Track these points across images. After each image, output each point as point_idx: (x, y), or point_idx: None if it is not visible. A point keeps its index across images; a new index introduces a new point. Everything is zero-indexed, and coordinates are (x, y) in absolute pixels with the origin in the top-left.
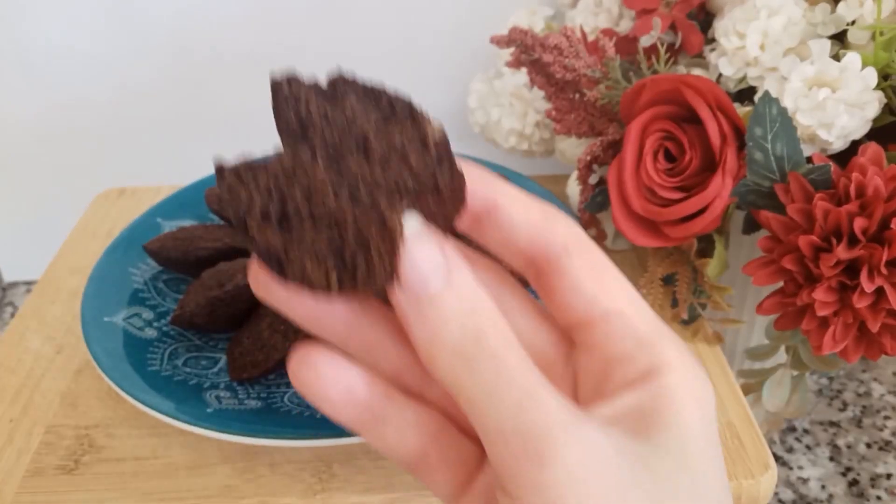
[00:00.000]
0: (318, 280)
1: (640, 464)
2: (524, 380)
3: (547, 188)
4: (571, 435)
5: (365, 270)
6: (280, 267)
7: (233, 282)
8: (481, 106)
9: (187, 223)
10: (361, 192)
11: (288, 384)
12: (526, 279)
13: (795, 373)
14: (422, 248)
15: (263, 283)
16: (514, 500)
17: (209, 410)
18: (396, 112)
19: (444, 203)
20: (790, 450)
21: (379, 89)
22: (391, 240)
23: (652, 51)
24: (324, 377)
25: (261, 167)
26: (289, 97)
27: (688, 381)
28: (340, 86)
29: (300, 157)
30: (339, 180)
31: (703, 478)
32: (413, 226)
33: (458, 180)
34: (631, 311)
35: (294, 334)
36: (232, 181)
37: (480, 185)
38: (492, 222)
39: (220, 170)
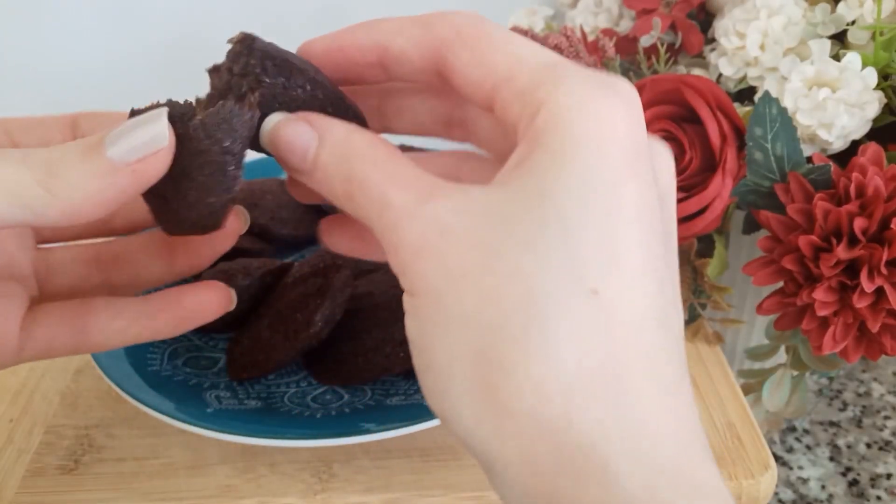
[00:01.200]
0: None
1: (489, 233)
2: (380, 189)
3: None
4: (411, 215)
5: None
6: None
7: (233, 282)
8: None
9: None
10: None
11: (288, 384)
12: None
13: (795, 373)
14: (286, 128)
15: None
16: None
17: (209, 410)
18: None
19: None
20: (790, 450)
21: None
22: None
23: (652, 51)
24: None
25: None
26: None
27: (565, 115)
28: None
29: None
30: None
31: (568, 233)
32: (274, 118)
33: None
34: (510, 68)
35: (293, 335)
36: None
37: (366, 36)
38: (391, 60)
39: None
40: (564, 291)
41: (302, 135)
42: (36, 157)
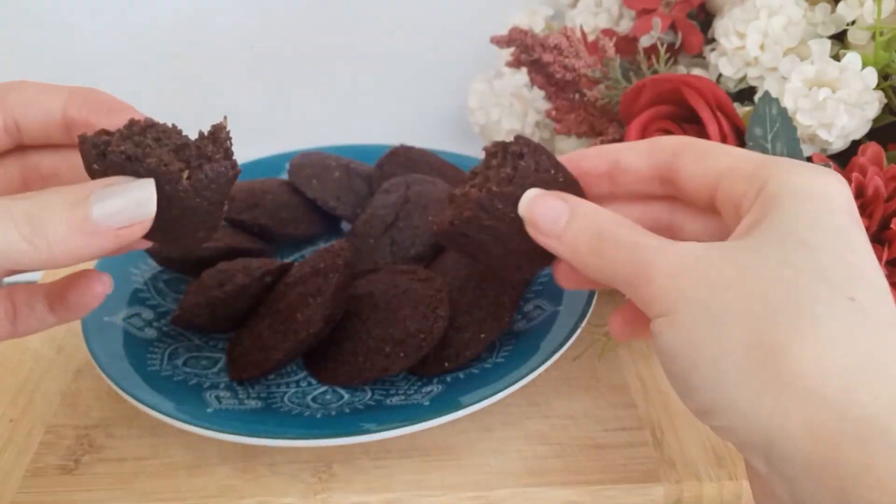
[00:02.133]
0: None
1: (742, 256)
2: (631, 238)
3: None
4: (662, 249)
5: None
6: None
7: (233, 282)
8: (481, 106)
9: None
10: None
11: (288, 384)
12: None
13: None
14: (544, 199)
15: None
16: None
17: (209, 410)
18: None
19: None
20: None
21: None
22: None
23: (652, 51)
24: None
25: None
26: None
27: (790, 183)
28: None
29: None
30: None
31: (816, 256)
32: (533, 192)
33: None
34: (736, 161)
35: (293, 335)
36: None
37: (601, 154)
38: (620, 171)
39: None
40: (827, 295)
41: (556, 205)
42: (20, 211)
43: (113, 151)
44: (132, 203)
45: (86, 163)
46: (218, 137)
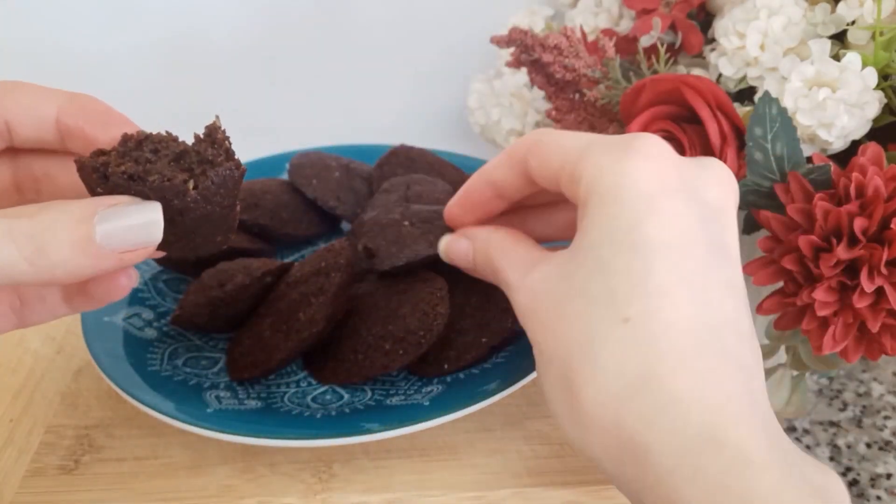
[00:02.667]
0: None
1: (559, 288)
2: (504, 274)
3: None
4: (521, 283)
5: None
6: None
7: (233, 282)
8: (481, 106)
9: None
10: None
11: (288, 384)
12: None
13: (795, 373)
14: (452, 245)
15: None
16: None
17: (209, 410)
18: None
19: None
20: None
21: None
22: None
23: (652, 51)
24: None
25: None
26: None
27: (595, 181)
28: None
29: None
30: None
31: (604, 275)
32: (445, 238)
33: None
34: (563, 162)
35: (295, 334)
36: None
37: (479, 182)
38: (501, 189)
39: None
40: (603, 323)
41: (462, 247)
42: (23, 231)
43: (115, 173)
44: (137, 226)
45: (88, 187)
46: (215, 138)
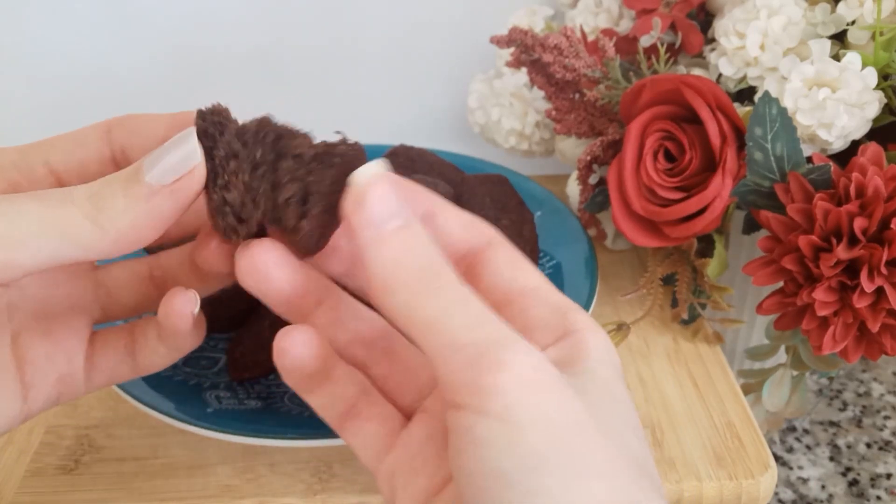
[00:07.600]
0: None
1: (573, 388)
2: (477, 303)
3: (547, 188)
4: (524, 346)
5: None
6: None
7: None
8: (481, 106)
9: None
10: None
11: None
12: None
13: (795, 373)
14: (382, 189)
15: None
16: (470, 409)
17: (209, 410)
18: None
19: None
20: (790, 450)
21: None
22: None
23: (652, 51)
24: (296, 345)
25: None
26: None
27: (596, 338)
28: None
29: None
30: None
31: (620, 401)
32: (375, 170)
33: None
34: (544, 288)
35: None
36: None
37: (419, 197)
38: (429, 227)
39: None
40: None
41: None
42: (80, 193)
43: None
44: (179, 155)
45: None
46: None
